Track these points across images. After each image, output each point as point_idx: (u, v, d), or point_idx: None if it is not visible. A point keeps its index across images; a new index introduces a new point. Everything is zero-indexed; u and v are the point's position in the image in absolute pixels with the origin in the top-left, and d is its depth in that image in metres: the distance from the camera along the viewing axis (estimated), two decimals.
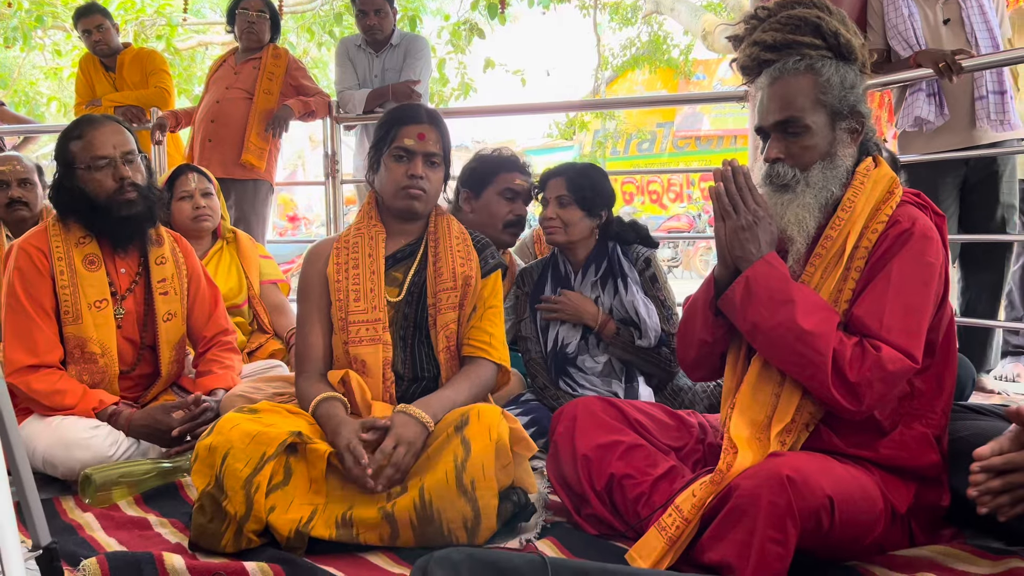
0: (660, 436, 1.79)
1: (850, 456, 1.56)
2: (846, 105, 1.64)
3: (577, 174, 2.52)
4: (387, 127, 1.98)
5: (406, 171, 1.94)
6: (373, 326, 1.89)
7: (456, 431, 1.68)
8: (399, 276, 1.98)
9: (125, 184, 2.20)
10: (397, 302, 1.95)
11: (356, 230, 2.01)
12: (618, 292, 2.49)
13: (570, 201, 2.48)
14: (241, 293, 3.01)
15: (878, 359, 1.47)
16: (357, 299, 1.90)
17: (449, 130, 2.03)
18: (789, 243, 1.64)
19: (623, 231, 2.59)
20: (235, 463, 1.60)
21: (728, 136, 16.86)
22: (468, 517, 1.61)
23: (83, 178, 2.19)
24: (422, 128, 1.95)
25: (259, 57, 4.14)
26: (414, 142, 1.94)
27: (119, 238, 2.26)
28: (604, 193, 2.53)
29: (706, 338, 1.72)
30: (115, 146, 2.20)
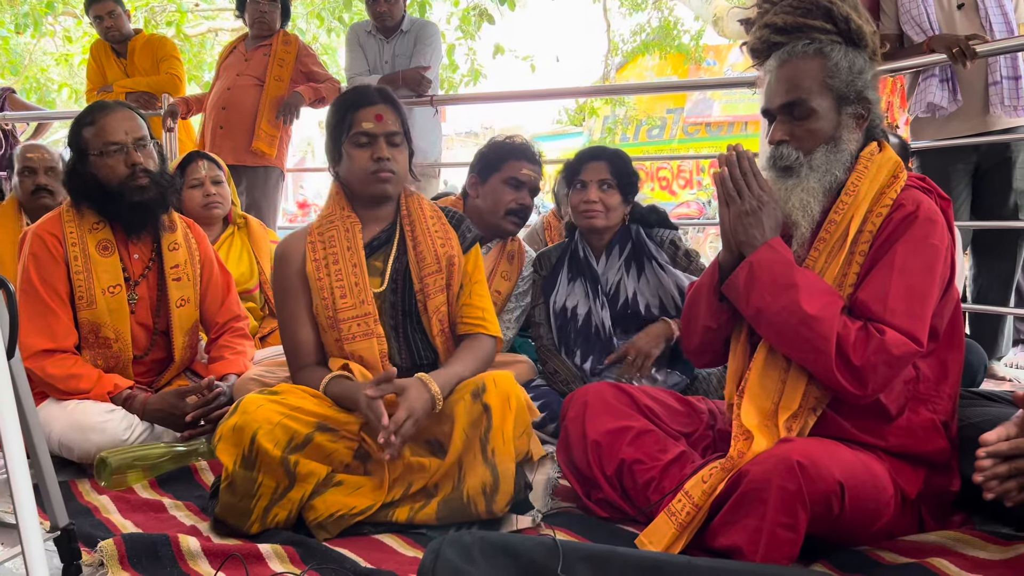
0: (670, 422, 1.80)
1: (859, 442, 1.56)
2: (853, 90, 1.64)
3: (617, 158, 2.51)
4: (341, 114, 1.93)
5: (371, 155, 1.89)
6: (364, 320, 1.87)
7: (474, 398, 1.71)
8: (379, 265, 1.95)
9: (137, 170, 2.21)
10: (382, 292, 1.93)
11: (328, 222, 1.95)
12: (643, 274, 2.47)
13: (613, 185, 2.47)
14: (252, 278, 3.03)
15: (882, 343, 1.47)
16: (344, 295, 1.87)
17: (441, 111, 2.01)
18: (793, 228, 1.64)
19: (646, 214, 2.58)
20: (265, 442, 1.62)
21: (739, 122, 16.75)
22: (488, 483, 1.64)
23: (96, 164, 2.20)
24: (378, 109, 1.91)
25: (269, 44, 4.14)
26: (373, 124, 1.89)
27: (132, 224, 2.27)
28: (637, 179, 2.54)
29: (710, 324, 1.73)
30: (127, 132, 2.21)
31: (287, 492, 1.64)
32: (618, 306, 2.49)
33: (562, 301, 2.53)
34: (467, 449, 1.69)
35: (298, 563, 1.52)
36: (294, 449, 1.65)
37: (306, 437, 1.67)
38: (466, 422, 1.70)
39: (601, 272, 2.52)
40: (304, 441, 1.67)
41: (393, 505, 1.70)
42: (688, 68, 14.28)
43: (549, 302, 2.57)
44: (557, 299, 2.54)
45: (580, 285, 2.52)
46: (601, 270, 2.53)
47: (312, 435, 1.68)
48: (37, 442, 1.41)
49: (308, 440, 1.67)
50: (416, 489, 1.71)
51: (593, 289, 2.50)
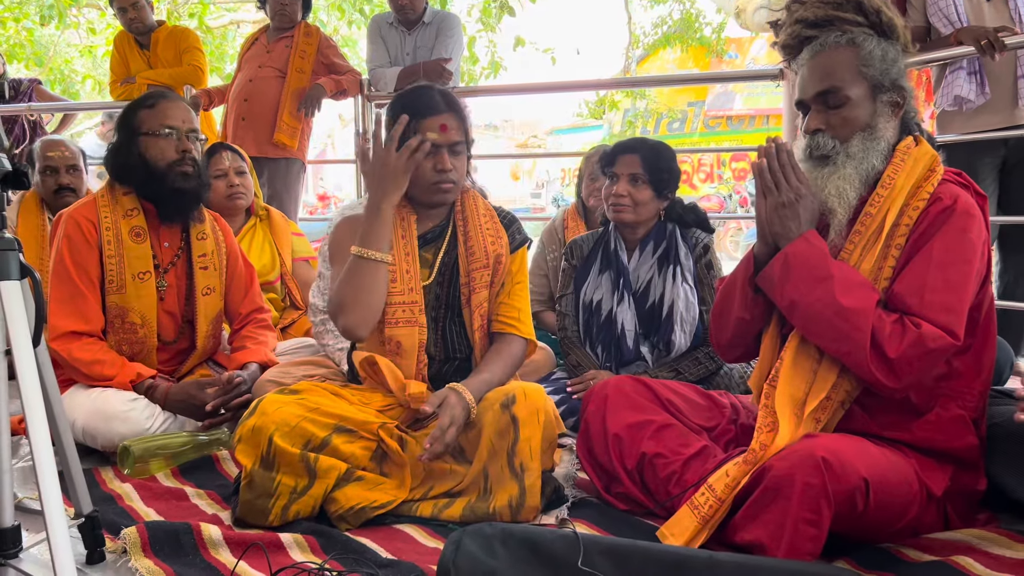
0: (692, 416, 1.79)
1: (885, 438, 1.55)
2: (887, 78, 1.62)
3: (652, 152, 2.43)
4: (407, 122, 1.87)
5: (434, 166, 1.85)
6: (410, 308, 1.87)
7: (503, 409, 1.71)
8: (429, 257, 1.96)
9: (186, 157, 2.26)
10: (428, 284, 1.94)
11: None
12: (667, 278, 2.43)
13: (644, 180, 2.40)
14: (274, 270, 3.04)
15: (919, 336, 1.46)
16: (393, 280, 1.87)
17: (470, 108, 1.98)
18: (830, 215, 1.62)
19: (684, 213, 2.51)
20: (283, 443, 1.63)
21: (760, 116, 16.63)
22: (514, 496, 1.65)
23: (145, 144, 2.25)
24: (443, 119, 1.85)
25: (291, 35, 4.15)
26: (438, 135, 1.84)
27: (169, 209, 2.30)
28: (675, 174, 2.46)
29: (744, 316, 1.71)
30: (184, 120, 2.28)
31: (307, 490, 1.65)
32: (646, 306, 2.44)
33: (591, 294, 2.50)
34: (493, 459, 1.69)
35: (319, 552, 1.53)
36: (311, 451, 1.67)
37: (323, 441, 1.68)
38: (493, 431, 1.70)
39: (632, 268, 2.48)
40: (320, 445, 1.68)
41: (415, 502, 1.71)
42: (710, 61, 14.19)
43: (580, 294, 2.53)
44: (587, 291, 2.51)
45: (608, 279, 2.49)
46: (633, 266, 2.48)
47: (329, 438, 1.69)
48: (62, 430, 1.43)
49: (324, 444, 1.68)
50: (438, 492, 1.72)
51: (618, 284, 2.46)
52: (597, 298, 2.48)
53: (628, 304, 2.43)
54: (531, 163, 19.89)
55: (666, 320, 2.40)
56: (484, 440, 1.70)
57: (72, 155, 3.22)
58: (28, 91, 5.11)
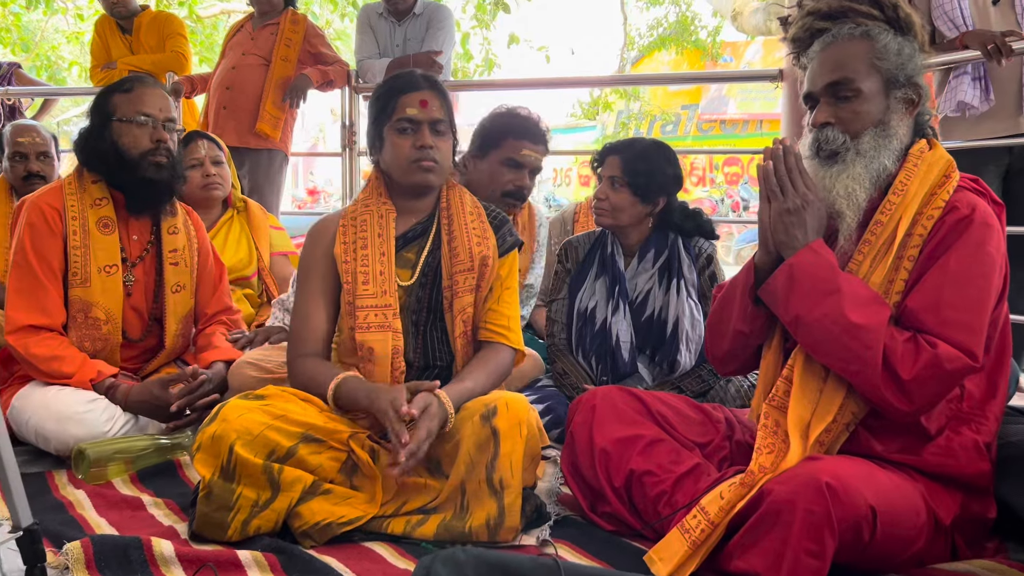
0: (684, 431, 1.68)
1: (891, 462, 1.44)
2: (903, 73, 1.52)
3: (636, 155, 2.29)
4: (385, 99, 1.84)
5: (413, 143, 1.79)
6: (383, 312, 1.76)
7: (484, 420, 1.58)
8: (411, 257, 1.85)
9: (161, 146, 2.15)
10: (409, 285, 1.82)
11: (364, 207, 1.86)
12: (670, 291, 2.29)
13: (623, 184, 2.28)
14: (251, 265, 2.92)
15: (934, 356, 1.35)
16: (365, 282, 1.77)
17: (454, 99, 1.90)
18: (839, 219, 1.51)
19: (684, 222, 2.35)
20: (245, 452, 1.52)
21: (754, 120, 16.58)
22: (492, 515, 1.53)
23: (119, 130, 2.13)
24: (423, 95, 1.81)
25: (277, 23, 4.03)
26: (417, 111, 1.79)
27: (138, 200, 2.19)
28: (662, 179, 2.30)
29: (743, 329, 1.60)
30: (161, 109, 2.18)
31: (270, 503, 1.52)
32: (643, 318, 2.30)
33: (586, 301, 2.35)
34: (471, 474, 1.56)
35: (279, 572, 1.41)
36: (275, 462, 1.55)
37: (288, 451, 1.56)
38: (472, 444, 1.58)
39: (630, 276, 2.34)
40: (286, 455, 1.56)
41: (387, 518, 1.58)
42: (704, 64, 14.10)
43: (574, 301, 2.38)
44: (582, 299, 2.36)
45: (603, 285, 2.35)
46: (630, 274, 2.34)
47: (295, 448, 1.56)
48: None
49: (290, 454, 1.56)
50: (412, 508, 1.60)
51: (613, 291, 2.32)
52: (591, 305, 2.34)
53: (624, 314, 2.30)
54: None
55: (671, 339, 2.26)
56: (462, 453, 1.58)
57: (43, 141, 3.08)
58: (7, 75, 4.98)
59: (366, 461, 1.61)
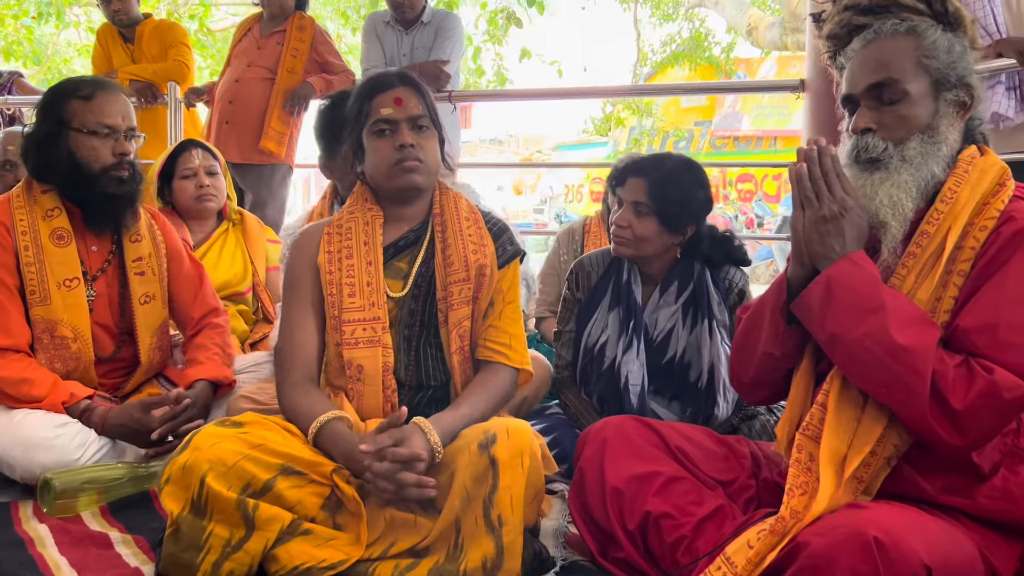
0: (705, 467, 1.51)
1: (940, 506, 1.28)
2: (954, 73, 1.36)
3: (665, 178, 1.99)
4: (358, 104, 1.71)
5: (393, 144, 1.66)
6: (371, 325, 1.62)
7: (481, 450, 1.42)
8: (403, 267, 1.71)
9: (124, 161, 2.01)
10: (401, 297, 1.69)
11: (349, 214, 1.73)
12: (696, 330, 2.02)
13: (649, 211, 1.99)
14: (245, 280, 2.77)
15: (991, 384, 1.19)
16: (352, 294, 1.64)
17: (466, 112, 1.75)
18: (882, 230, 1.35)
19: (713, 250, 2.06)
20: (217, 485, 1.37)
21: (768, 137, 16.44)
22: (490, 556, 1.36)
23: (76, 141, 1.98)
24: (396, 92, 1.68)
25: (283, 30, 3.91)
26: (392, 109, 1.66)
27: (98, 215, 2.05)
28: (694, 206, 2.01)
29: (773, 351, 1.44)
30: (123, 117, 2.02)
31: (244, 543, 1.37)
32: (663, 360, 2.04)
33: (596, 336, 2.10)
34: (466, 510, 1.40)
35: None
36: (251, 496, 1.39)
37: (265, 484, 1.40)
38: (468, 477, 1.41)
39: (650, 311, 2.07)
40: (262, 489, 1.40)
41: (373, 561, 1.42)
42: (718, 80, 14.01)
43: (582, 335, 2.12)
44: (591, 332, 2.11)
45: (616, 318, 2.08)
46: (651, 309, 2.07)
47: (272, 481, 1.41)
48: None
49: (267, 488, 1.40)
50: (401, 549, 1.43)
51: (627, 326, 2.05)
52: (602, 340, 2.08)
53: (637, 353, 2.03)
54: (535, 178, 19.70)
55: (707, 390, 2.02)
56: (457, 486, 1.42)
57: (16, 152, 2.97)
58: (8, 84, 4.91)
59: (351, 496, 1.45)
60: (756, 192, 16.21)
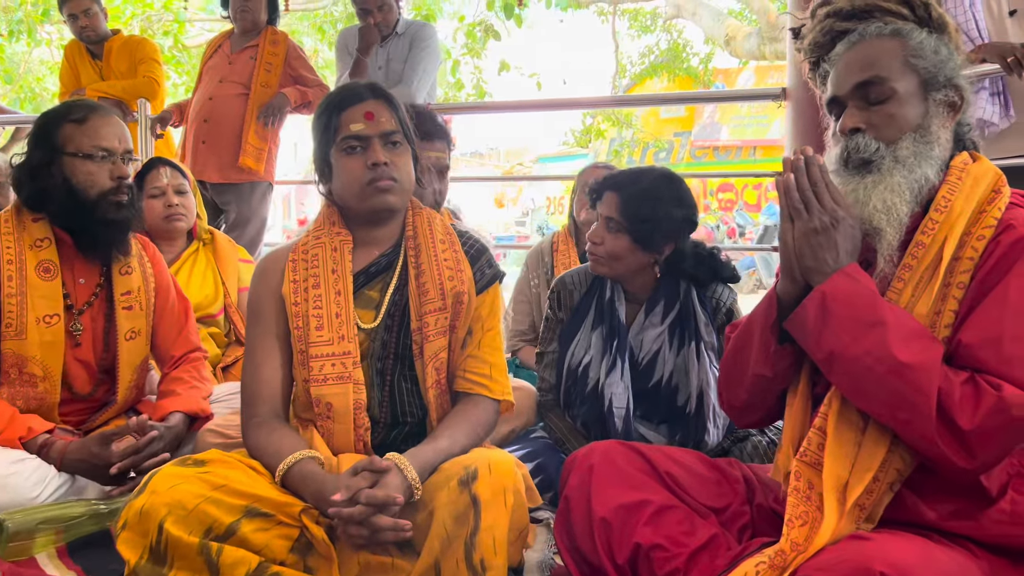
0: (697, 494, 1.43)
1: (945, 532, 1.21)
2: (942, 73, 1.32)
3: (639, 194, 1.91)
4: (326, 118, 1.61)
5: (365, 162, 1.57)
6: (341, 360, 1.53)
7: (462, 486, 1.34)
8: (375, 296, 1.62)
9: (123, 184, 1.94)
10: (373, 328, 1.59)
11: (315, 239, 1.63)
12: (683, 352, 1.95)
13: (621, 228, 1.92)
14: (217, 302, 2.69)
15: (999, 401, 1.12)
16: (320, 327, 1.54)
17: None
18: (876, 238, 1.29)
19: (698, 269, 1.98)
20: (177, 530, 1.28)
21: (747, 147, 16.54)
22: None
23: (72, 167, 1.90)
24: (367, 106, 1.58)
25: (255, 44, 3.84)
26: (363, 125, 1.56)
27: (91, 242, 1.96)
28: (666, 224, 1.92)
29: (764, 372, 1.37)
30: (120, 140, 1.95)
31: None
32: (650, 383, 1.97)
33: (579, 356, 2.02)
34: (447, 552, 1.31)
35: None
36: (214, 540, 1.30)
37: (229, 527, 1.31)
38: (448, 515, 1.33)
39: (635, 332, 2.00)
40: (226, 532, 1.31)
41: None
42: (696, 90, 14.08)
43: (565, 356, 2.05)
44: (575, 353, 2.03)
45: (599, 337, 2.00)
46: (636, 330, 2.00)
47: (237, 524, 1.32)
48: None
49: (231, 531, 1.31)
50: None
51: (610, 345, 1.98)
52: (585, 361, 2.01)
53: (621, 374, 1.95)
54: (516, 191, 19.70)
55: (696, 415, 1.94)
56: (436, 526, 1.33)
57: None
58: None
59: (321, 539, 1.36)
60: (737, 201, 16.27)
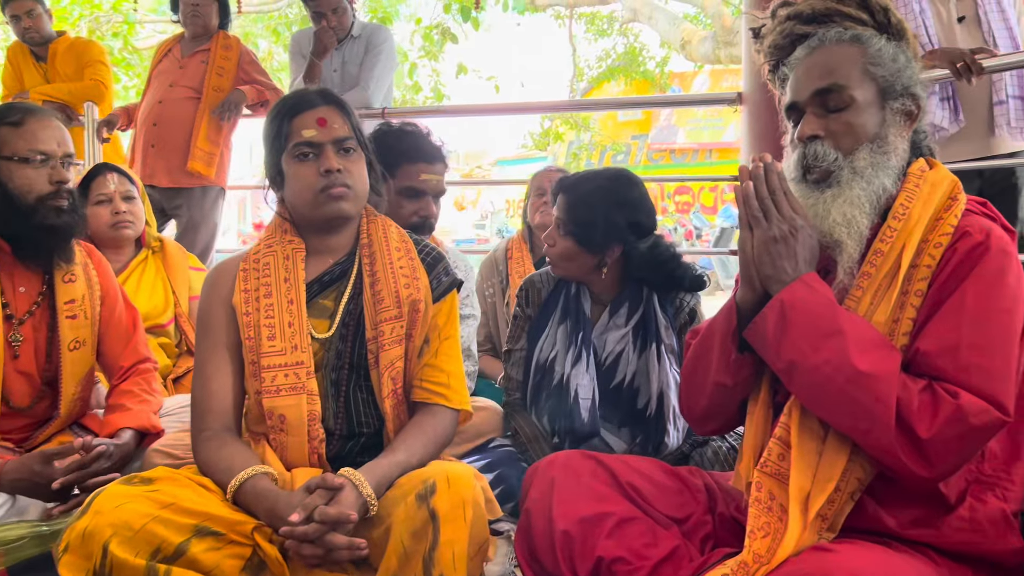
0: (659, 504, 1.42)
1: (906, 540, 1.21)
2: (899, 82, 1.33)
3: (584, 196, 1.95)
4: (277, 124, 1.58)
5: (318, 169, 1.54)
6: (295, 371, 1.49)
7: (420, 501, 1.31)
8: (329, 305, 1.58)
9: (62, 189, 1.86)
10: (327, 338, 1.56)
11: (266, 247, 1.60)
12: (644, 355, 1.96)
13: (567, 231, 1.96)
14: (167, 311, 2.61)
15: (957, 409, 1.13)
16: (271, 337, 1.50)
17: None
18: (836, 250, 1.30)
19: (650, 274, 1.97)
20: (122, 552, 1.22)
21: (704, 150, 16.72)
22: None
23: (8, 171, 1.82)
24: (319, 112, 1.56)
25: (207, 48, 3.77)
26: (315, 131, 1.54)
27: (31, 249, 1.89)
28: (608, 228, 1.92)
29: (724, 381, 1.36)
30: (59, 143, 1.88)
31: None
32: (611, 385, 1.98)
33: (546, 352, 2.03)
34: (405, 568, 1.28)
35: None
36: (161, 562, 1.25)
37: (177, 548, 1.26)
38: (405, 532, 1.30)
39: (599, 332, 2.01)
40: (174, 554, 1.26)
41: None
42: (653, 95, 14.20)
43: (533, 351, 2.06)
44: (543, 349, 2.04)
45: (564, 332, 2.01)
46: (600, 330, 2.01)
47: (186, 545, 1.27)
48: None
49: (180, 552, 1.26)
50: None
51: (575, 339, 1.99)
52: (551, 356, 2.02)
53: (586, 366, 1.96)
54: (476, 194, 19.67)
55: (656, 418, 1.95)
56: (394, 542, 1.30)
57: None
58: None
59: (275, 558, 1.31)
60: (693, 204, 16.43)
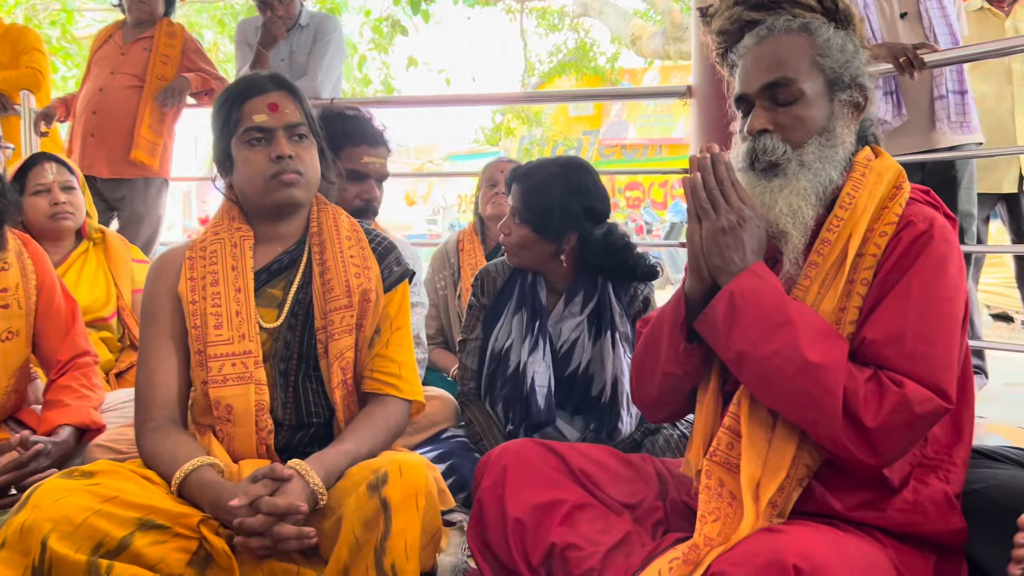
0: (611, 490, 1.42)
1: (853, 522, 1.23)
2: (847, 73, 1.34)
3: (539, 184, 1.97)
4: (227, 109, 1.54)
5: (268, 154, 1.51)
6: (242, 360, 1.46)
7: (371, 491, 1.28)
8: (278, 294, 1.55)
9: None
10: (276, 327, 1.53)
11: (214, 235, 1.56)
12: (599, 343, 1.97)
13: (523, 219, 1.98)
14: (109, 304, 2.54)
15: (901, 398, 1.15)
16: (218, 325, 1.47)
17: None
18: (782, 241, 1.31)
19: (603, 261, 1.98)
20: (62, 547, 1.18)
21: (654, 145, 16.87)
22: None
23: None
24: (271, 97, 1.52)
25: (150, 36, 3.67)
26: (267, 116, 1.51)
27: None
28: (559, 212, 1.94)
29: (674, 370, 1.37)
30: None
31: None
32: (566, 372, 1.98)
33: (502, 341, 2.03)
34: (356, 559, 1.26)
35: None
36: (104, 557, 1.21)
37: (120, 543, 1.22)
38: (356, 522, 1.27)
39: (555, 321, 2.01)
40: (117, 548, 1.22)
41: None
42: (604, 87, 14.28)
43: (488, 341, 2.06)
44: (498, 338, 2.04)
45: (519, 320, 2.02)
46: (555, 319, 2.01)
47: (129, 539, 1.23)
48: None
49: (123, 547, 1.22)
50: None
51: (532, 328, 1.99)
52: (507, 345, 2.02)
53: (543, 354, 1.96)
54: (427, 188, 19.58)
55: (610, 404, 1.96)
56: (345, 532, 1.28)
57: None
58: None
59: (222, 550, 1.28)
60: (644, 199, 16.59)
